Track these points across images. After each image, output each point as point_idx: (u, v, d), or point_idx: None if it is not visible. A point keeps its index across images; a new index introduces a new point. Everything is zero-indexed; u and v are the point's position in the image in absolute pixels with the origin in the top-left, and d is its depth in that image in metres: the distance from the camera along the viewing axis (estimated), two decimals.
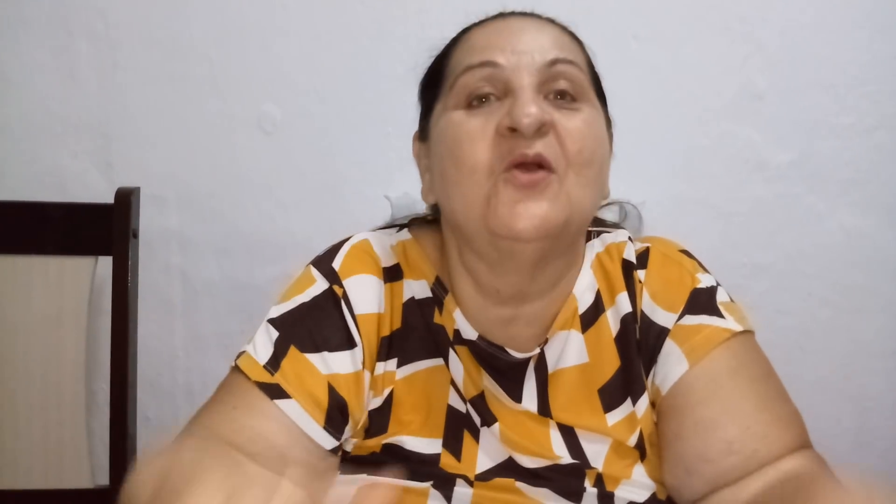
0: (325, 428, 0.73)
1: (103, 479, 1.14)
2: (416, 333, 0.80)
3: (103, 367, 1.15)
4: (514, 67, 0.72)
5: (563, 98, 0.73)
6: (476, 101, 0.73)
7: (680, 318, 0.78)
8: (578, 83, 0.74)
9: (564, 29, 0.79)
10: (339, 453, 0.76)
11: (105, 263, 1.15)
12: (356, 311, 0.78)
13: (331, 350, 0.75)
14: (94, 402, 1.23)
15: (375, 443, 0.77)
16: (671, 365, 0.76)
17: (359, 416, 0.76)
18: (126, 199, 1.13)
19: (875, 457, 1.32)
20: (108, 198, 1.14)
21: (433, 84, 0.80)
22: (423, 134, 0.82)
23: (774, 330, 1.30)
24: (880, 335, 1.30)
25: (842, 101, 1.30)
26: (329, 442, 0.73)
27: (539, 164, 0.69)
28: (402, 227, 0.87)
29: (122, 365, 1.12)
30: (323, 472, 0.74)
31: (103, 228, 1.13)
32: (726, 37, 1.29)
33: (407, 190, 1.31)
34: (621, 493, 0.75)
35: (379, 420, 0.77)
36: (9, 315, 1.14)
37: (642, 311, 0.79)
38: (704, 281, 0.80)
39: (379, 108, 1.32)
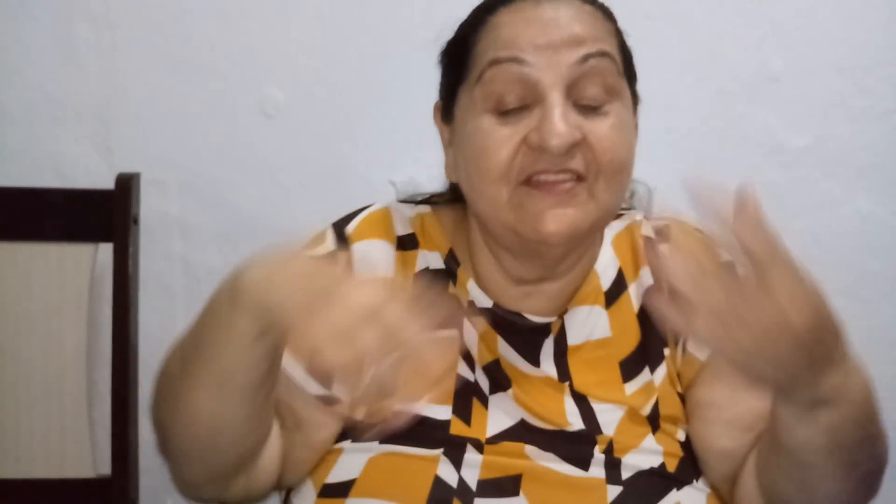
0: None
1: (105, 469, 1.13)
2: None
3: (104, 356, 1.15)
4: (543, 68, 0.71)
5: (594, 102, 0.73)
6: (505, 110, 0.73)
7: None
8: (610, 80, 0.74)
9: (596, 2, 0.78)
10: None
11: (105, 250, 1.14)
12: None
13: None
14: (96, 390, 1.23)
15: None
16: None
17: None
18: (126, 185, 1.13)
19: (889, 448, 1.30)
20: (109, 183, 1.13)
21: (457, 62, 0.79)
22: (446, 114, 0.82)
23: None
24: None
25: (859, 84, 1.28)
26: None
27: (566, 172, 0.72)
28: (422, 202, 0.90)
29: (123, 353, 1.11)
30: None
31: (104, 215, 1.13)
32: (741, 17, 1.27)
33: (413, 175, 1.29)
34: (629, 460, 0.76)
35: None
36: (8, 303, 1.14)
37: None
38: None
39: (384, 90, 1.30)
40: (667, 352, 0.81)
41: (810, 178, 1.29)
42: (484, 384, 0.80)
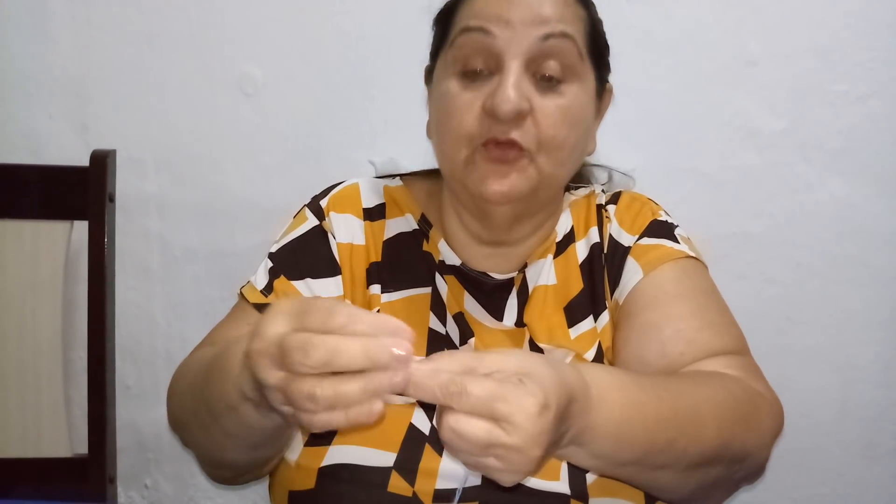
0: None
1: (82, 448, 1.13)
2: (401, 265, 0.92)
3: (81, 335, 1.14)
4: (506, 41, 0.80)
5: (550, 80, 0.81)
6: (470, 74, 0.82)
7: (639, 238, 0.90)
8: (569, 61, 0.81)
9: None
10: None
11: (81, 228, 1.13)
12: (339, 241, 0.91)
13: (314, 277, 0.89)
14: (72, 370, 1.22)
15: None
16: (629, 277, 0.87)
17: None
18: (102, 162, 1.12)
19: (860, 427, 1.33)
20: (84, 160, 1.12)
21: (441, 29, 0.89)
22: (429, 76, 0.93)
23: (762, 300, 1.29)
24: (868, 306, 1.30)
25: (836, 68, 1.28)
26: None
27: (511, 144, 0.80)
28: (395, 177, 1.00)
29: (100, 332, 1.11)
30: None
31: (79, 192, 1.12)
32: (720, 0, 1.26)
33: (392, 155, 1.28)
34: None
35: None
36: None
37: (610, 235, 0.91)
38: (665, 217, 0.93)
39: (364, 69, 1.29)
40: (608, 303, 0.90)
41: (786, 162, 1.29)
42: (454, 335, 0.89)
